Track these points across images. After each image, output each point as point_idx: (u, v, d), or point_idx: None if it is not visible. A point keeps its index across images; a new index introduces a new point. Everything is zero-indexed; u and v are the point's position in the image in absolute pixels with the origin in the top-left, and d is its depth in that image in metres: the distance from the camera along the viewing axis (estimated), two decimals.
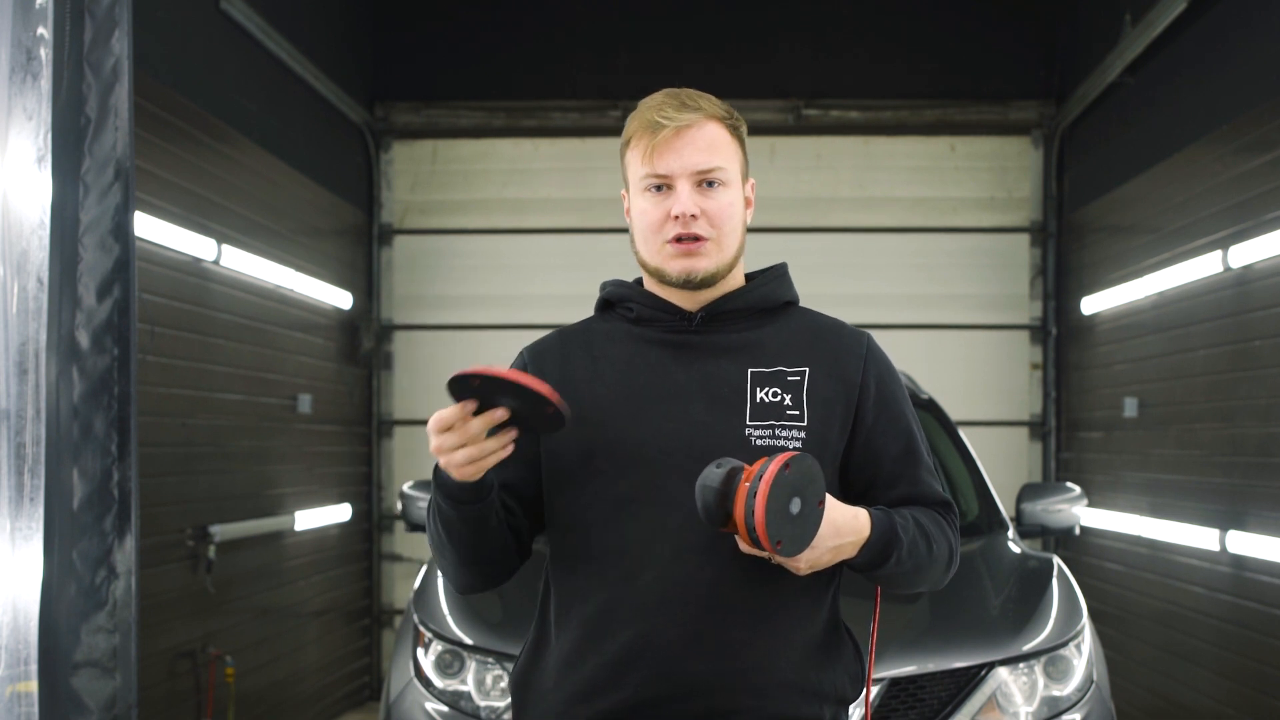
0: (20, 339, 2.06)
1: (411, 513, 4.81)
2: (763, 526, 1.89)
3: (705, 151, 2.11)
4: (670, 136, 2.10)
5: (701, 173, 2.10)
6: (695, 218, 2.09)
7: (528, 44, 8.05)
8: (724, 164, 2.12)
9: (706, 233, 2.11)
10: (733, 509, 1.92)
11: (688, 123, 2.10)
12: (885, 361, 2.22)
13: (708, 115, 2.12)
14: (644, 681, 2.06)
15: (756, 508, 1.89)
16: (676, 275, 2.12)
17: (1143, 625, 6.46)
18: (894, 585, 2.15)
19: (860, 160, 8.01)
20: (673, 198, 2.11)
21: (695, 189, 2.11)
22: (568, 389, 2.14)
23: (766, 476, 1.90)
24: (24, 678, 2.06)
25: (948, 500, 2.21)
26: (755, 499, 1.89)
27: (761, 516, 1.88)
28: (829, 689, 2.13)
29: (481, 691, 3.73)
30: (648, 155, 2.11)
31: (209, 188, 5.67)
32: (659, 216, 2.12)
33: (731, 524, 1.95)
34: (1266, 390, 5.12)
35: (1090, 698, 3.72)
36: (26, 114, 2.07)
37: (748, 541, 1.94)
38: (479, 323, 8.00)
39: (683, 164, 2.10)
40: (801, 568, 2.00)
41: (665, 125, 2.10)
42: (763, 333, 2.17)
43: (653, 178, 2.11)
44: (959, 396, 7.41)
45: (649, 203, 2.13)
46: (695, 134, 2.11)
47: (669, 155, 2.10)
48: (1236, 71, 5.50)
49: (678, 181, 2.10)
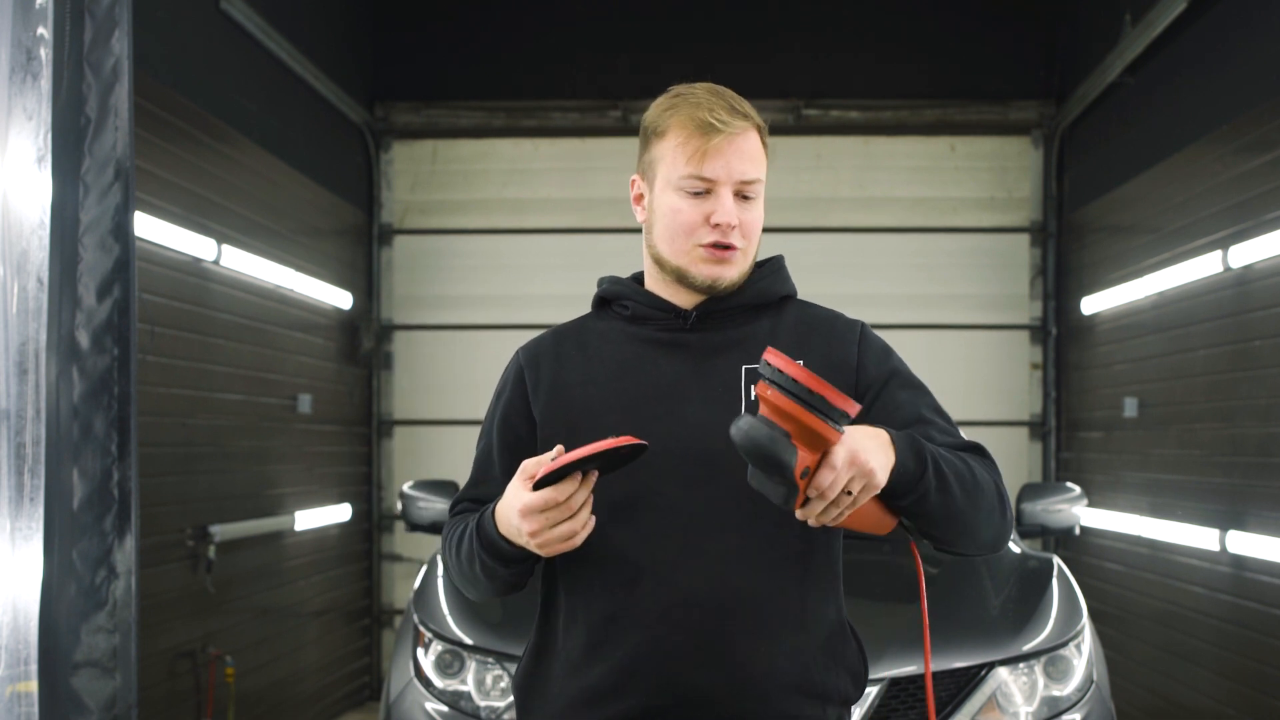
0: (20, 339, 2.06)
1: (411, 513, 4.81)
2: (817, 380, 1.72)
3: (750, 162, 2.08)
4: (723, 143, 2.05)
5: (745, 183, 2.08)
6: (734, 228, 2.07)
7: (528, 44, 8.05)
8: (762, 176, 2.10)
9: (740, 244, 2.09)
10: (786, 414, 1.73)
11: (739, 130, 2.07)
12: (880, 343, 2.19)
13: (754, 124, 2.10)
14: (650, 689, 2.05)
15: (797, 374, 1.73)
16: (703, 280, 2.09)
17: (1143, 625, 6.46)
18: (946, 517, 1.97)
19: (860, 160, 8.01)
20: (712, 202, 2.07)
21: (735, 198, 2.08)
22: (561, 392, 2.14)
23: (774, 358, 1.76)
24: (24, 678, 2.06)
25: (977, 444, 2.10)
26: (787, 373, 1.73)
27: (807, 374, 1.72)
28: (833, 690, 2.12)
29: (481, 691, 3.73)
30: (696, 156, 2.06)
31: (209, 188, 5.67)
32: (696, 219, 2.07)
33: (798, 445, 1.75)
34: (1266, 390, 5.11)
35: (1090, 698, 3.72)
36: (26, 114, 2.07)
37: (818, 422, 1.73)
38: (479, 323, 8.00)
39: (730, 172, 2.06)
40: (876, 469, 1.83)
41: (720, 130, 2.05)
42: (757, 328, 2.15)
43: (697, 180, 2.07)
44: (959, 396, 7.42)
45: (685, 203, 2.08)
46: (743, 143, 2.08)
47: (718, 161, 2.06)
48: (1236, 71, 5.50)
49: (721, 189, 2.07)
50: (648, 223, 2.15)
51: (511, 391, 2.20)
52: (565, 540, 1.94)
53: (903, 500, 1.94)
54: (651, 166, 2.13)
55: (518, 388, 2.19)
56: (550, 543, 1.94)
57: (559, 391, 2.14)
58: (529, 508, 1.91)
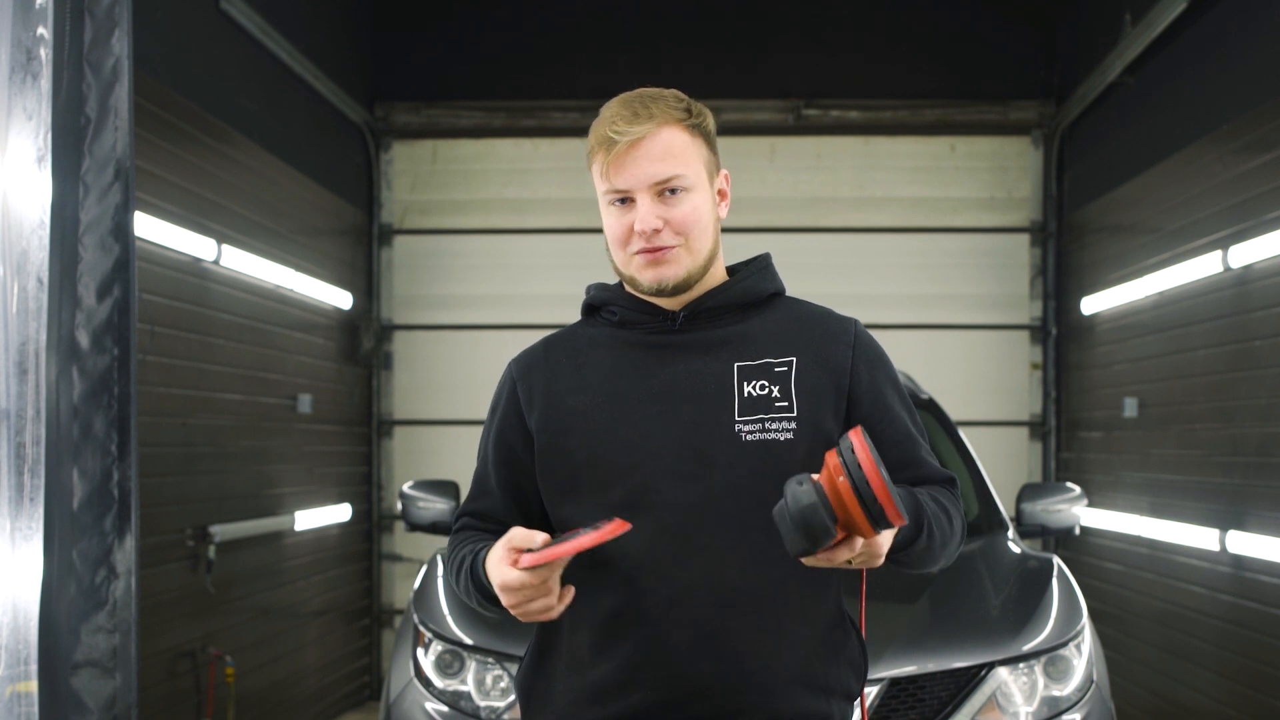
0: (20, 339, 2.06)
1: (411, 513, 4.80)
2: (888, 496, 1.75)
3: (661, 161, 2.08)
4: (624, 151, 2.07)
5: (660, 183, 2.08)
6: (658, 231, 2.08)
7: (528, 44, 8.05)
8: (682, 170, 2.09)
9: (672, 241, 2.09)
10: (844, 505, 1.78)
11: (640, 135, 2.07)
12: (874, 347, 2.20)
13: (661, 122, 2.09)
14: (654, 684, 2.07)
15: (874, 483, 1.75)
16: (648, 285, 2.12)
17: (1143, 625, 6.46)
18: (918, 564, 2.11)
19: (860, 160, 8.01)
20: (634, 211, 2.09)
21: (656, 199, 2.08)
22: (555, 400, 2.16)
23: (860, 450, 1.77)
24: (24, 678, 2.06)
25: (951, 475, 2.20)
26: (865, 473, 1.75)
27: (883, 487, 1.75)
28: (835, 683, 2.14)
29: (481, 691, 3.73)
30: (605, 171, 2.10)
31: (209, 188, 5.67)
32: (623, 230, 2.11)
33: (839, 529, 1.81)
34: (1266, 390, 5.11)
35: (1090, 698, 3.72)
36: (26, 114, 2.07)
37: (863, 524, 1.79)
38: (479, 323, 8.00)
39: (639, 177, 2.08)
40: (881, 560, 1.93)
41: (618, 140, 2.07)
42: (748, 325, 2.16)
43: (612, 193, 2.10)
44: (959, 396, 7.41)
45: (613, 216, 2.12)
46: (649, 145, 2.08)
47: (625, 170, 2.08)
48: (1236, 71, 5.50)
49: (637, 195, 2.08)
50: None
51: (506, 406, 2.22)
52: (543, 611, 1.98)
53: (892, 555, 2.03)
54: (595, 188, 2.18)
55: (511, 402, 2.22)
56: (529, 614, 1.99)
57: (552, 400, 2.17)
58: (506, 586, 1.97)
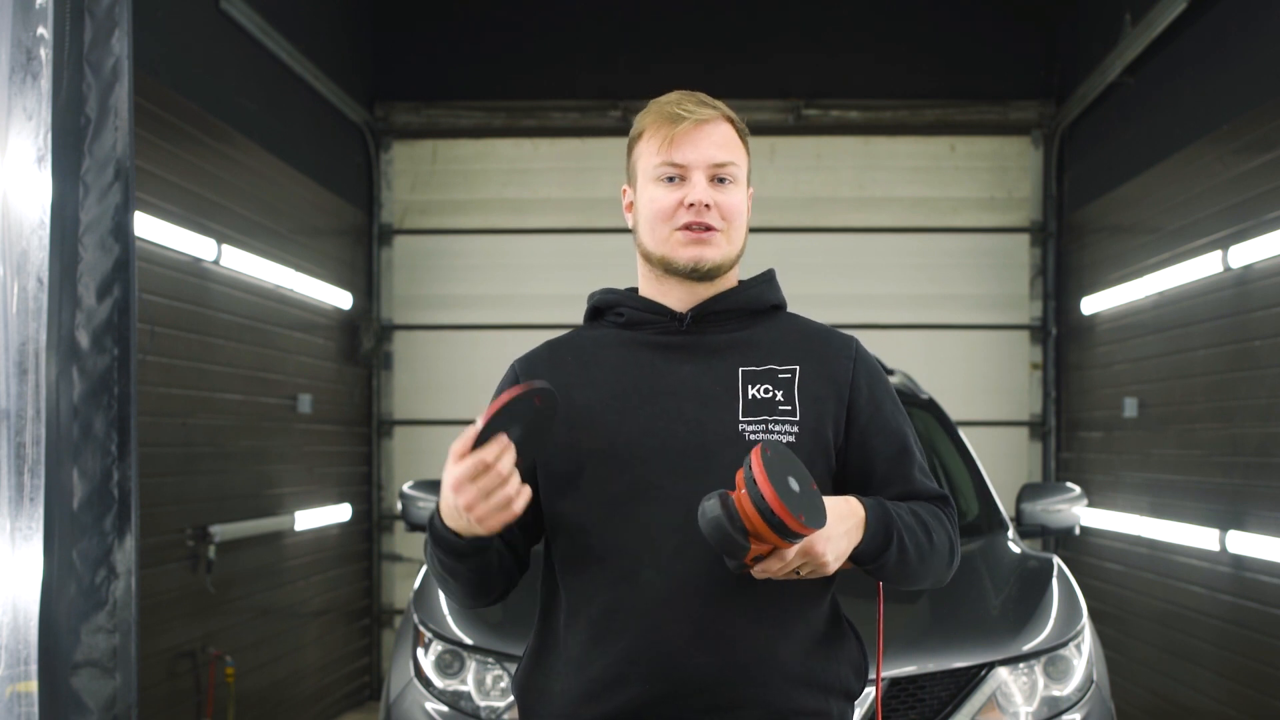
0: (20, 339, 2.06)
1: (411, 513, 4.80)
2: (781, 506, 1.85)
3: (721, 147, 2.15)
4: (690, 129, 2.14)
5: (717, 166, 2.15)
6: (709, 208, 2.13)
7: (528, 44, 8.05)
8: (736, 161, 2.17)
9: (718, 224, 2.14)
10: (748, 518, 1.88)
11: (706, 118, 2.15)
12: (874, 364, 2.25)
13: (723, 115, 2.18)
14: (650, 679, 2.07)
15: (765, 494, 1.86)
16: (685, 263, 2.14)
17: (1143, 625, 6.46)
18: (899, 577, 2.13)
19: (860, 160, 8.01)
20: (686, 188, 2.14)
21: (709, 182, 2.15)
22: (559, 394, 2.15)
23: (755, 465, 1.88)
24: (24, 678, 2.06)
25: (944, 494, 2.22)
26: (759, 488, 1.87)
27: (774, 497, 1.85)
28: (833, 680, 2.15)
29: (481, 691, 3.73)
30: (665, 144, 2.14)
31: (209, 188, 5.67)
32: (671, 204, 2.14)
33: (752, 542, 1.90)
34: (1266, 390, 5.12)
35: (1090, 698, 3.72)
36: (26, 114, 2.07)
37: (771, 536, 1.89)
38: (479, 323, 8.01)
39: (700, 156, 2.14)
40: (829, 560, 1.98)
41: (686, 118, 2.14)
42: (753, 333, 2.19)
43: (669, 166, 2.14)
44: (959, 396, 7.41)
45: (661, 190, 2.15)
46: (712, 130, 2.16)
47: (687, 146, 2.14)
48: (1236, 71, 5.50)
49: (693, 173, 2.14)
50: (635, 223, 2.22)
51: None
52: (502, 509, 1.95)
53: (863, 566, 2.08)
54: (634, 168, 2.22)
55: None
56: (488, 514, 1.95)
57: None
58: (459, 480, 1.93)
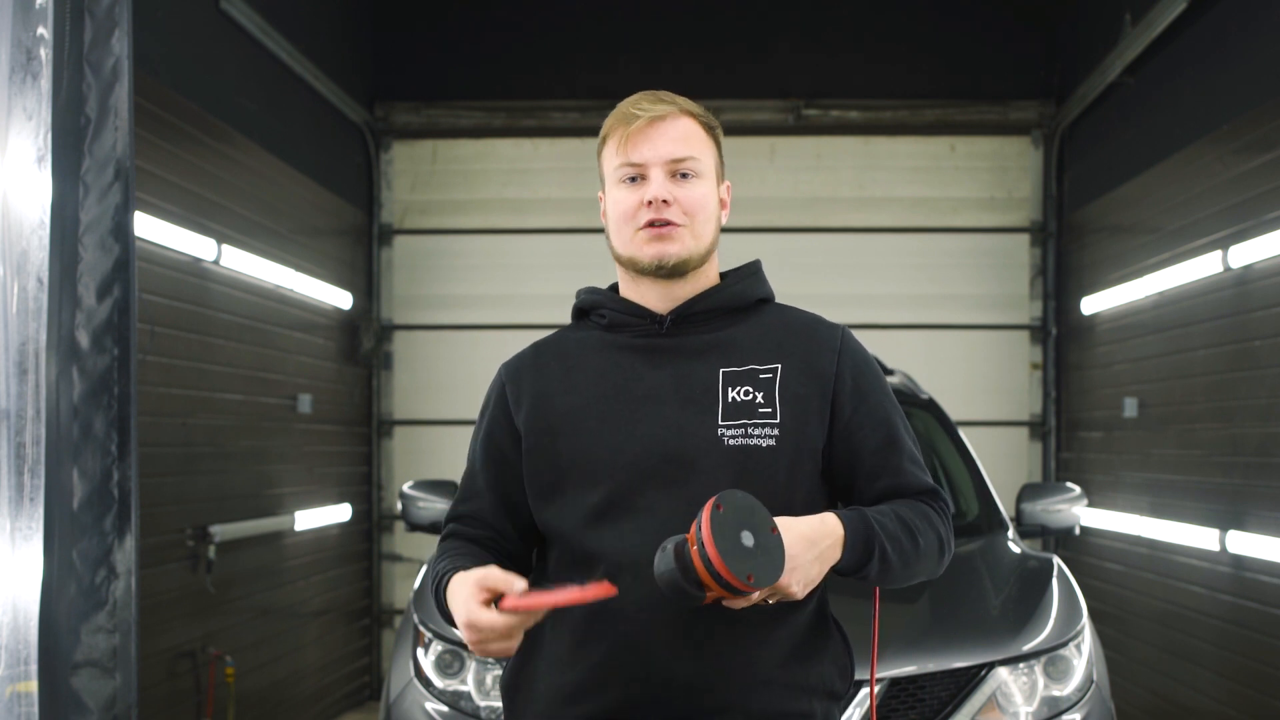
0: (20, 339, 2.06)
1: (411, 513, 4.81)
2: (726, 570, 1.86)
3: (678, 142, 2.15)
4: (644, 126, 2.14)
5: (675, 161, 2.14)
6: (668, 203, 2.13)
7: (528, 44, 8.06)
8: (697, 155, 2.16)
9: (679, 219, 2.14)
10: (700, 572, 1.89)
11: (661, 114, 2.15)
12: (861, 353, 2.21)
13: (681, 110, 2.17)
14: (630, 683, 2.08)
15: (711, 557, 1.86)
16: (649, 260, 2.14)
17: (1143, 625, 6.46)
18: (885, 583, 2.13)
19: (860, 160, 8.01)
20: (646, 186, 2.14)
21: (669, 178, 2.14)
22: (542, 402, 2.18)
23: (703, 525, 1.88)
24: (24, 678, 2.06)
25: (933, 487, 2.19)
26: (706, 549, 1.86)
27: (719, 561, 1.86)
28: (815, 681, 2.14)
29: (481, 691, 3.73)
30: (622, 145, 2.15)
31: (209, 188, 5.67)
32: (632, 204, 2.14)
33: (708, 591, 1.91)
34: (1266, 390, 5.12)
35: (1090, 698, 3.72)
36: (26, 114, 2.07)
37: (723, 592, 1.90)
38: (479, 323, 8.01)
39: (656, 153, 2.14)
40: (796, 591, 1.97)
41: (639, 116, 2.14)
42: (735, 331, 2.18)
43: (627, 167, 2.15)
44: (958, 396, 7.41)
45: (623, 192, 2.16)
46: (668, 125, 2.15)
47: (642, 144, 2.14)
48: (1236, 71, 5.50)
49: (651, 170, 2.14)
50: (606, 227, 2.23)
51: (495, 408, 2.25)
52: (500, 652, 2.00)
53: (845, 576, 2.08)
54: (601, 173, 2.22)
55: (500, 403, 2.24)
56: (486, 652, 2.01)
57: (540, 401, 2.19)
58: (474, 625, 1.98)
